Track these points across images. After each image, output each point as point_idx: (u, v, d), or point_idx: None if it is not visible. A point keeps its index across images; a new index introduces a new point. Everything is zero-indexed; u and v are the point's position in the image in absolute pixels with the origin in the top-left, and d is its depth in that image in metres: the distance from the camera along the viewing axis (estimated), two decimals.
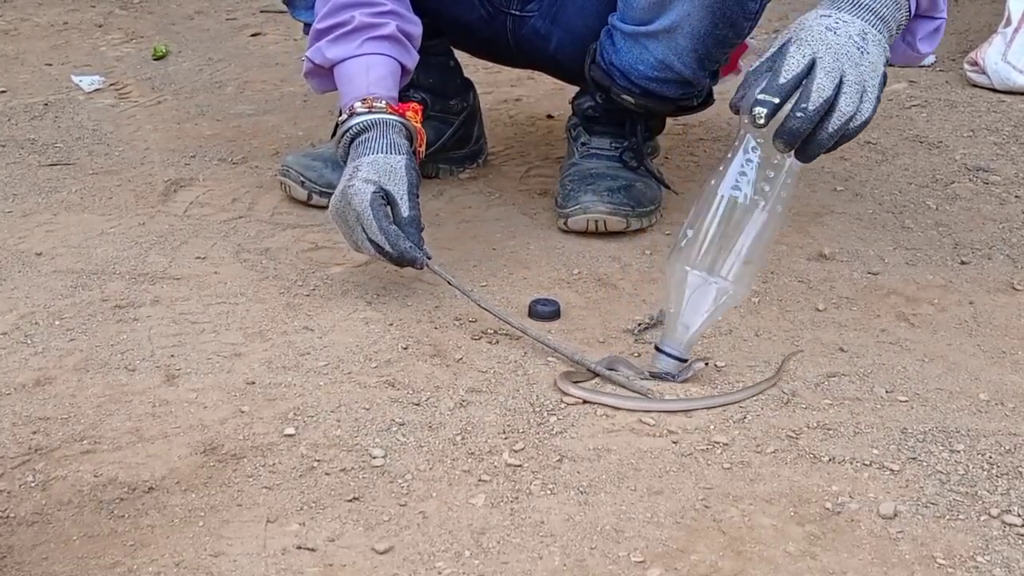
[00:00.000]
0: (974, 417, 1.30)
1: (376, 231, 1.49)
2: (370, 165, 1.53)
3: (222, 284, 1.61)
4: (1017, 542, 1.10)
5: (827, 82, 1.22)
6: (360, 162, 1.54)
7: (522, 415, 1.30)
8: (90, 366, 1.40)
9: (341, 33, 1.62)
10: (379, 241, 1.49)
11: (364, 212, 1.49)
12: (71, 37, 2.99)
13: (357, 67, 1.61)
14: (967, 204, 1.90)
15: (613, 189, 1.75)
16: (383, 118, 1.57)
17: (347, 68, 1.62)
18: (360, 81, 1.60)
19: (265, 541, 1.10)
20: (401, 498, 1.16)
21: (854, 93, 1.23)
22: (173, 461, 1.22)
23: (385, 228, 1.49)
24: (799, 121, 1.22)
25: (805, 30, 1.25)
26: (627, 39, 1.70)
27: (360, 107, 1.58)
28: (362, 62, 1.61)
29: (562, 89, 2.38)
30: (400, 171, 1.53)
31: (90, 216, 1.85)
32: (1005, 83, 2.45)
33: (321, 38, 1.64)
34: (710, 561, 1.07)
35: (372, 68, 1.61)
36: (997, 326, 1.51)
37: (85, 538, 1.10)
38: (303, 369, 1.40)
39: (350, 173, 1.53)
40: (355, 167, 1.54)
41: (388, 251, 1.49)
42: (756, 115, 1.22)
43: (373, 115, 1.57)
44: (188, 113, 2.38)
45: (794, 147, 1.24)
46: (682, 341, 1.35)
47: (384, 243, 1.49)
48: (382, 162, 1.53)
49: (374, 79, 1.60)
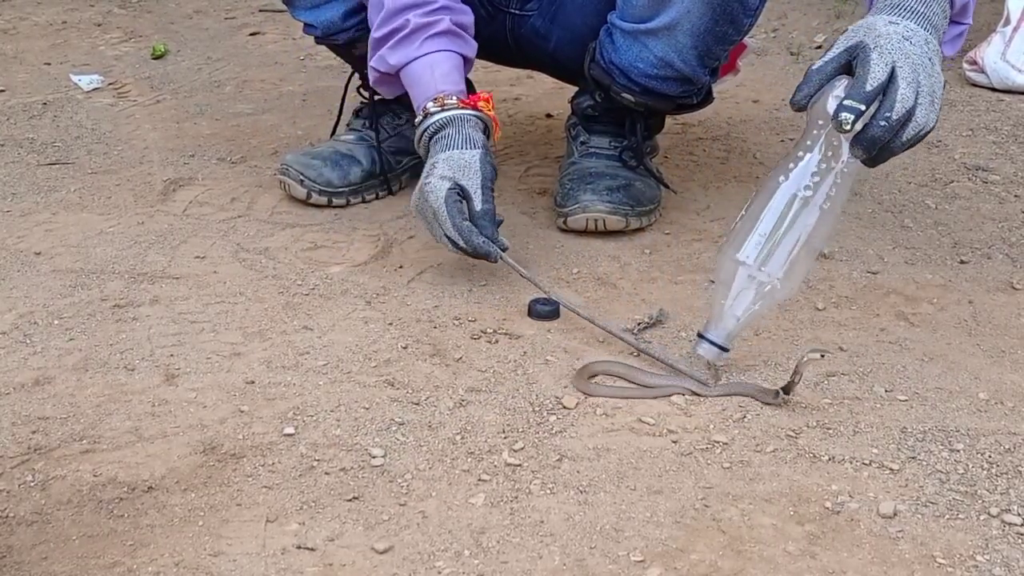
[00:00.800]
0: (974, 416, 1.30)
1: (450, 227, 1.53)
2: (445, 162, 1.57)
3: (221, 283, 1.61)
4: (1017, 541, 1.10)
5: (909, 93, 1.22)
6: (436, 159, 1.58)
7: (522, 414, 1.30)
8: (89, 366, 1.40)
9: (399, 38, 1.65)
10: (453, 237, 1.54)
11: (440, 209, 1.54)
12: (70, 36, 2.99)
13: (422, 68, 1.65)
14: (966, 203, 1.90)
15: (612, 188, 1.75)
16: (457, 114, 1.62)
17: (412, 71, 1.66)
18: (427, 81, 1.65)
19: (265, 541, 1.10)
20: (401, 498, 1.16)
21: (928, 103, 1.24)
22: (172, 461, 1.22)
23: (459, 224, 1.53)
24: (882, 130, 1.22)
25: (883, 38, 1.25)
26: (627, 37, 1.70)
27: (432, 106, 1.62)
28: (425, 62, 1.65)
29: (561, 88, 2.38)
30: (474, 166, 1.57)
31: (89, 215, 1.85)
32: (1004, 82, 2.45)
33: (381, 46, 1.68)
34: (710, 560, 1.07)
35: (436, 66, 1.65)
36: (996, 325, 1.51)
37: (84, 538, 1.10)
38: (302, 368, 1.39)
39: (427, 171, 1.58)
40: (432, 164, 1.58)
41: (462, 246, 1.54)
42: (843, 120, 1.22)
43: (446, 112, 1.62)
44: (187, 112, 2.38)
45: (872, 154, 1.25)
46: (728, 331, 1.36)
47: (458, 239, 1.54)
48: (456, 158, 1.57)
49: (439, 76, 1.64)
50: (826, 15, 2.99)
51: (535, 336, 1.47)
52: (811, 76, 1.27)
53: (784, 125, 2.29)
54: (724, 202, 1.90)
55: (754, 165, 2.07)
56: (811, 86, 1.27)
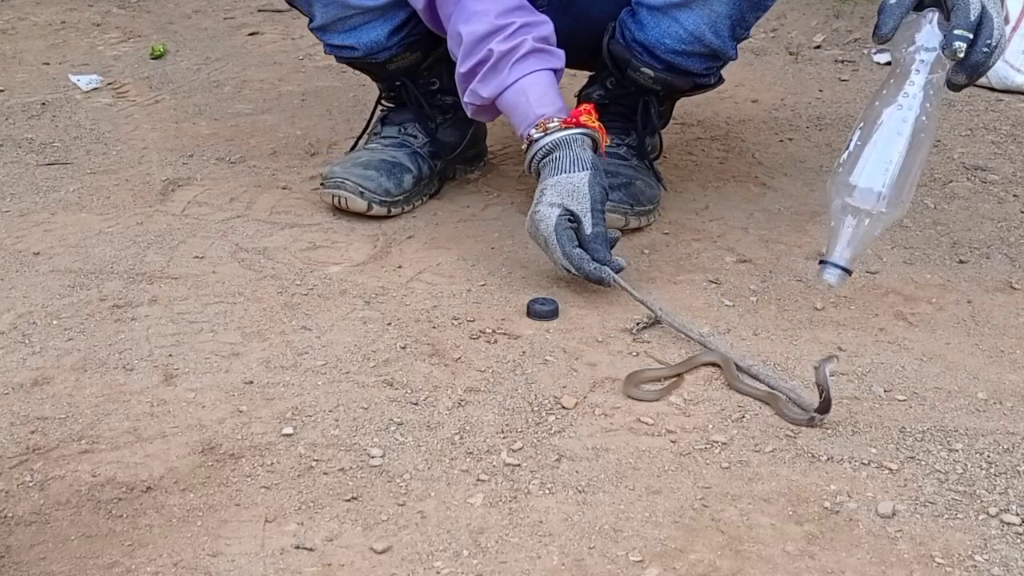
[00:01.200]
0: (972, 416, 1.30)
1: (560, 255, 1.54)
2: (553, 187, 1.56)
3: (220, 284, 1.61)
4: (1015, 541, 1.10)
5: (998, 20, 1.34)
6: (544, 185, 1.57)
7: (520, 414, 1.30)
8: (88, 366, 1.40)
9: (486, 70, 1.63)
10: (565, 265, 1.54)
11: (550, 237, 1.54)
12: (69, 36, 2.98)
13: (515, 96, 1.63)
14: (965, 203, 1.90)
15: (613, 186, 1.75)
16: (562, 136, 1.59)
17: (506, 100, 1.63)
18: (523, 109, 1.62)
19: (263, 541, 1.10)
20: (399, 498, 1.16)
21: (1001, 26, 1.35)
22: (171, 461, 1.22)
23: (569, 253, 1.54)
24: (983, 56, 1.33)
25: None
26: (655, 13, 1.70)
27: (535, 133, 1.60)
28: (517, 89, 1.62)
29: (562, 88, 2.38)
30: (583, 189, 1.55)
31: (88, 215, 1.85)
32: (1003, 82, 2.46)
33: (470, 81, 1.65)
34: (708, 560, 1.07)
35: (529, 90, 1.62)
36: (995, 325, 1.51)
37: (83, 538, 1.10)
38: (301, 369, 1.39)
39: (537, 197, 1.57)
40: (541, 191, 1.57)
41: (572, 272, 1.55)
42: (957, 49, 1.32)
43: (550, 136, 1.59)
44: (186, 112, 2.38)
45: (973, 79, 1.35)
46: (851, 253, 1.40)
47: (567, 265, 1.54)
48: (564, 182, 1.56)
49: (535, 100, 1.62)
50: (825, 15, 2.99)
51: (534, 336, 1.47)
52: (891, 10, 1.35)
53: (783, 125, 2.29)
54: (723, 202, 1.90)
55: (753, 165, 2.07)
56: (894, 19, 1.35)
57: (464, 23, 1.63)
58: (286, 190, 1.96)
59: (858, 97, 2.46)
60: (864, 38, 2.85)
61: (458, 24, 1.64)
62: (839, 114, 2.35)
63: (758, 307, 1.56)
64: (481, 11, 1.62)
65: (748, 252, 1.72)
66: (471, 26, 1.63)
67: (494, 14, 1.62)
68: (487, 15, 1.62)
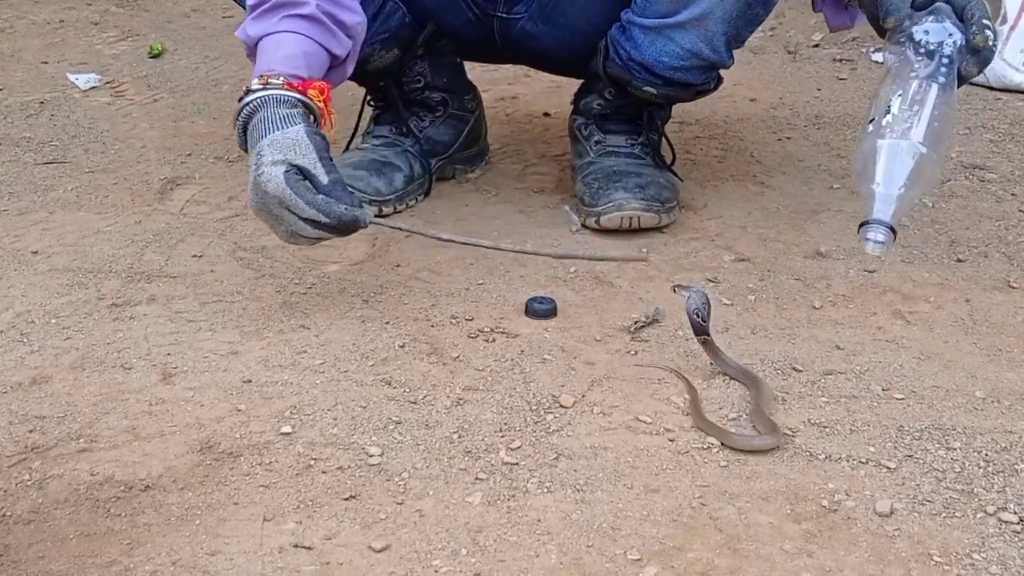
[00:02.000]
0: (970, 415, 1.30)
1: (304, 207, 1.40)
2: (271, 146, 1.42)
3: (218, 282, 1.61)
4: (1013, 539, 1.10)
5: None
6: (260, 146, 1.42)
7: (519, 413, 1.30)
8: (86, 364, 1.40)
9: (264, 9, 1.52)
10: (312, 216, 1.41)
11: (284, 193, 1.40)
12: (67, 35, 2.98)
13: (269, 44, 1.51)
14: (963, 202, 1.90)
15: (642, 186, 1.75)
16: (275, 94, 1.45)
17: (263, 45, 1.52)
18: (267, 59, 1.50)
19: (262, 539, 1.10)
20: (398, 496, 1.16)
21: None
22: (170, 460, 1.22)
23: (312, 200, 1.40)
24: (993, 49, 1.42)
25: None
26: (648, 33, 1.69)
27: (256, 84, 1.47)
28: (274, 40, 1.51)
29: (559, 87, 2.38)
30: (303, 140, 1.42)
31: (86, 214, 1.85)
32: (1001, 81, 2.46)
33: (250, 15, 1.55)
34: (707, 559, 1.07)
35: (282, 46, 1.50)
36: (993, 324, 1.51)
37: (81, 537, 1.10)
38: (299, 367, 1.39)
39: (255, 162, 1.42)
40: (257, 154, 1.42)
41: (326, 222, 1.41)
42: (988, 37, 1.40)
43: (264, 92, 1.46)
44: (184, 111, 2.38)
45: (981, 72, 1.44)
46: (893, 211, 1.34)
47: (319, 215, 1.41)
48: (281, 139, 1.42)
49: (280, 57, 1.49)
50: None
51: (532, 335, 1.47)
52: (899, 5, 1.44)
53: (781, 124, 2.29)
54: (721, 201, 1.90)
55: (751, 164, 2.07)
56: (898, 6, 1.44)
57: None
58: None
59: (856, 96, 2.46)
60: (862, 37, 2.85)
61: None
62: (837, 113, 2.35)
63: (756, 306, 1.56)
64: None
65: (746, 251, 1.72)
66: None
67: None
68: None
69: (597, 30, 1.77)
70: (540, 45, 1.84)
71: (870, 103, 1.43)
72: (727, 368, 1.38)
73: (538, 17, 1.81)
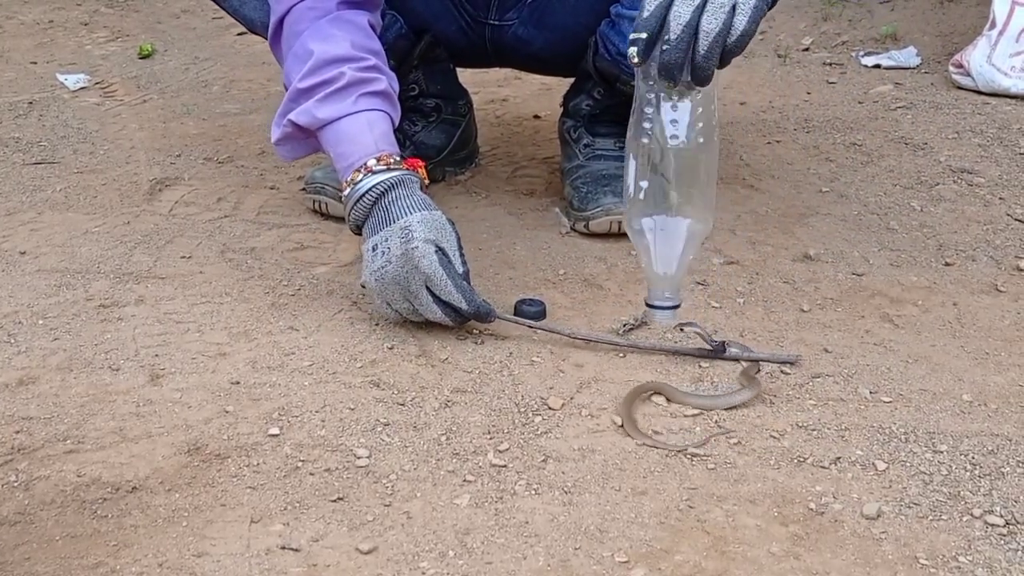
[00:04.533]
0: (957, 418, 1.31)
1: (451, 290, 1.41)
2: (422, 224, 1.42)
3: (207, 284, 1.61)
4: (999, 542, 1.10)
5: (684, 8, 1.22)
6: (409, 221, 1.42)
7: (507, 415, 1.30)
8: (74, 365, 1.40)
9: (333, 91, 1.50)
10: (454, 300, 1.41)
11: (435, 274, 1.40)
12: (56, 35, 2.98)
13: (358, 125, 1.50)
14: (951, 206, 1.91)
15: None
16: (406, 176, 1.48)
17: (343, 127, 1.50)
18: (366, 139, 1.49)
19: (249, 541, 1.10)
20: (385, 498, 1.16)
21: (717, 10, 1.22)
22: (157, 461, 1.22)
23: (460, 286, 1.41)
24: (668, 53, 1.22)
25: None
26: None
27: (377, 165, 1.48)
28: (363, 119, 1.50)
29: (549, 89, 2.39)
30: (447, 227, 1.45)
31: (75, 215, 1.84)
32: (990, 85, 2.47)
33: (307, 98, 1.51)
34: (694, 561, 1.07)
35: (375, 125, 1.50)
36: (980, 327, 1.52)
37: (68, 538, 1.10)
38: (288, 369, 1.39)
39: (403, 235, 1.41)
40: (404, 228, 1.42)
41: (464, 309, 1.42)
42: (631, 55, 1.24)
43: (394, 173, 1.47)
44: (174, 112, 2.37)
45: (677, 79, 1.23)
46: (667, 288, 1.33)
47: (461, 301, 1.41)
48: (430, 219, 1.43)
49: (379, 136, 1.50)
50: (813, 18, 3.00)
51: (521, 337, 1.47)
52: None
53: (771, 127, 2.30)
54: None
55: (740, 167, 2.08)
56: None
57: (318, 41, 1.52)
58: (274, 190, 1.96)
59: (845, 100, 2.47)
60: (852, 41, 2.86)
61: (309, 41, 1.53)
62: (826, 116, 2.36)
63: (745, 309, 1.56)
64: (340, 36, 1.52)
65: (735, 254, 1.72)
66: (327, 45, 1.52)
67: (351, 44, 1.52)
68: (345, 41, 1.52)
69: (588, 29, 1.78)
70: (532, 49, 1.85)
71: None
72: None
73: (529, 21, 1.81)
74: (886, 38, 2.85)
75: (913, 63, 2.70)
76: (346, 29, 1.54)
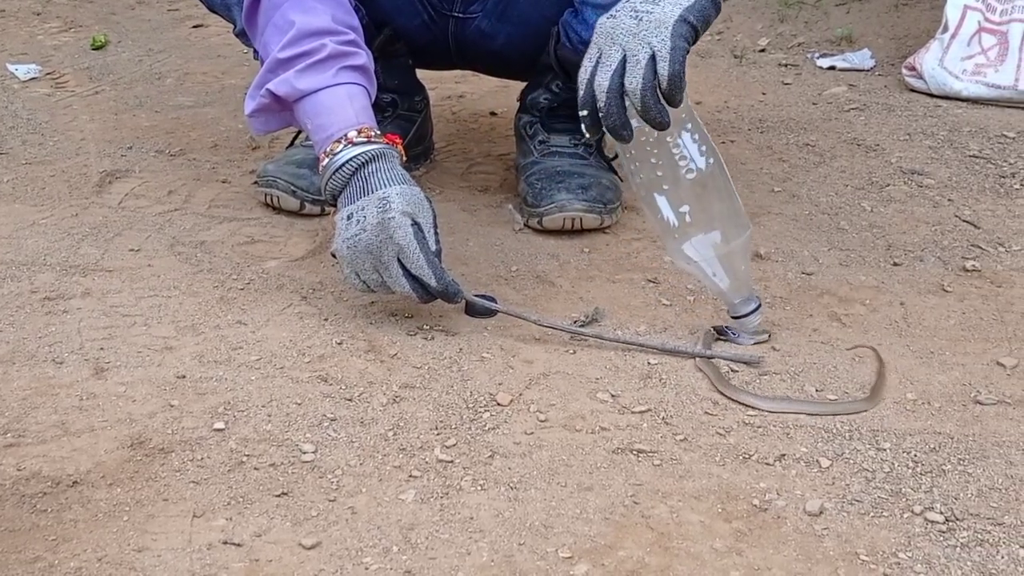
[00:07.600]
0: (901, 416, 1.32)
1: (423, 264, 1.40)
2: (400, 196, 1.42)
3: (155, 277, 1.59)
4: (938, 539, 1.11)
5: (603, 76, 1.34)
6: (387, 193, 1.42)
7: (455, 411, 1.30)
8: (16, 358, 1.38)
9: (313, 62, 1.49)
10: (423, 275, 1.41)
11: (408, 246, 1.40)
12: (8, 25, 2.93)
13: (337, 97, 1.49)
14: (901, 207, 1.93)
15: (584, 187, 1.76)
16: (387, 149, 1.48)
17: (322, 99, 1.49)
18: (346, 111, 1.48)
19: (191, 536, 1.09)
20: (330, 493, 1.15)
21: (634, 68, 1.32)
22: (99, 455, 1.20)
23: (432, 262, 1.41)
24: (605, 121, 1.35)
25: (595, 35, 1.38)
26: (600, 12, 1.68)
27: (358, 137, 1.47)
28: (342, 91, 1.49)
29: (505, 87, 2.38)
30: (425, 203, 1.45)
31: (21, 206, 1.82)
32: (941, 88, 2.49)
33: (285, 68, 1.51)
34: (637, 557, 1.08)
35: (355, 98, 1.50)
36: (926, 327, 1.53)
37: (5, 532, 1.08)
38: (235, 363, 1.38)
39: (380, 205, 1.41)
40: (383, 199, 1.42)
41: (433, 285, 1.42)
42: (583, 132, 1.38)
43: (374, 145, 1.47)
44: (126, 104, 2.35)
45: (627, 138, 1.37)
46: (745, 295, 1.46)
47: (430, 276, 1.41)
48: (409, 193, 1.43)
49: (359, 108, 1.50)
50: (770, 19, 3.02)
51: (471, 333, 1.47)
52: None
53: (725, 127, 2.31)
54: None
55: None
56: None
57: (300, 13, 1.51)
58: (226, 184, 1.94)
59: (800, 101, 2.49)
60: (808, 42, 2.88)
61: (291, 12, 1.52)
62: (781, 117, 2.38)
63: (695, 306, 1.57)
64: (321, 9, 1.52)
65: None
66: (308, 17, 1.51)
67: (332, 17, 1.52)
68: (326, 14, 1.52)
69: (551, 23, 1.78)
70: (494, 45, 1.84)
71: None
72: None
73: (493, 14, 1.81)
74: (841, 40, 2.87)
75: (867, 65, 2.72)
76: (327, 3, 1.54)
